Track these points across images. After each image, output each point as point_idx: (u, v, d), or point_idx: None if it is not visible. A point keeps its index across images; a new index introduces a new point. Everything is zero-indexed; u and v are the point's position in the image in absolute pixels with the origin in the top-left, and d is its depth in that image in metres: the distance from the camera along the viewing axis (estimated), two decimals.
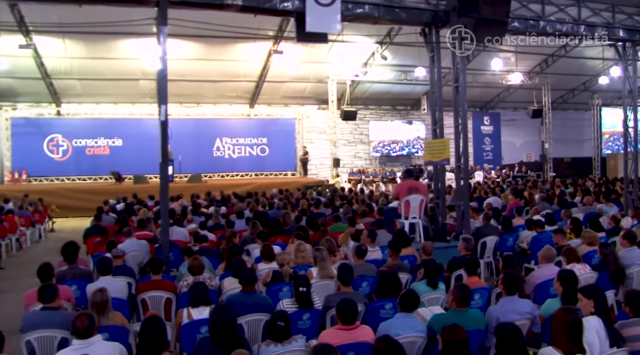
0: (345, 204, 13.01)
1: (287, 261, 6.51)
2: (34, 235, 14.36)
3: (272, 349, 4.16)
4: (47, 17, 16.78)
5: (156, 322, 4.05)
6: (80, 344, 3.95)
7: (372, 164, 25.94)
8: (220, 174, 23.43)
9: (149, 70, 20.76)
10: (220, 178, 23.05)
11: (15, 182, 21.38)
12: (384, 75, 22.86)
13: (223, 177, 23.34)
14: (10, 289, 9.65)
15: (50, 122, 22.66)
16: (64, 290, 5.68)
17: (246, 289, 5.33)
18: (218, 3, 8.38)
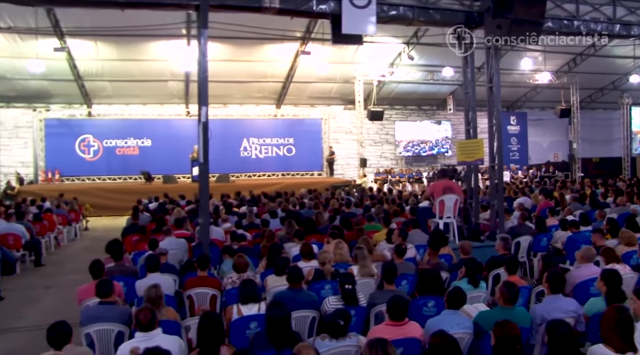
0: (376, 203, 13.11)
1: (328, 260, 6.62)
2: (70, 233, 14.71)
3: (326, 343, 4.28)
4: (80, 21, 17.13)
5: (214, 317, 4.20)
6: (143, 337, 4.12)
7: (398, 164, 25.96)
8: (247, 174, 23.65)
9: (178, 71, 21.15)
10: (248, 178, 23.26)
11: (48, 182, 21.83)
12: (410, 75, 22.88)
13: (250, 177, 23.56)
14: (54, 285, 9.97)
15: (81, 123, 23.11)
16: (115, 286, 5.86)
17: (294, 286, 5.47)
18: (256, 6, 8.55)
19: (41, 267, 11.51)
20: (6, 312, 8.22)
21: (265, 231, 9.23)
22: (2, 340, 7.06)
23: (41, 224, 12.49)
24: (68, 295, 9.24)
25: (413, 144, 25.85)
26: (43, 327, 7.49)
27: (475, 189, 10.37)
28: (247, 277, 6.25)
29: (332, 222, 10.56)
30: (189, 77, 21.53)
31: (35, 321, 7.84)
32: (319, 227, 10.06)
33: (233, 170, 22.49)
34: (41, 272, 11.17)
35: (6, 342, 7.01)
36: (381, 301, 5.48)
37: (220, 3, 8.30)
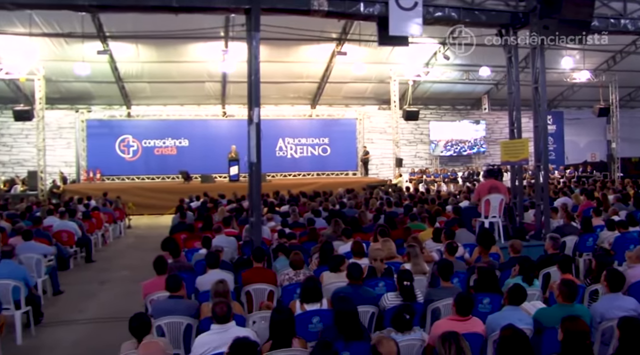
0: (417, 203, 13.21)
1: (380, 257, 6.76)
2: (115, 231, 15.14)
3: (392, 336, 4.42)
4: (123, 25, 17.58)
5: (286, 312, 4.39)
6: (219, 328, 4.32)
7: (432, 164, 25.93)
8: (283, 174, 23.89)
9: (215, 72, 21.50)
10: (283, 177, 23.49)
11: (90, 181, 22.43)
12: (445, 75, 22.84)
13: (285, 176, 23.80)
14: (107, 280, 10.33)
15: (121, 123, 23.68)
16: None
17: (354, 283, 5.62)
18: (305, 9, 8.73)
19: (92, 263, 11.91)
20: (67, 305, 8.56)
21: (312, 230, 9.45)
22: (66, 332, 7.38)
23: (90, 222, 12.87)
24: (122, 290, 9.65)
25: (452, 144, 25.74)
26: (101, 320, 7.93)
27: (519, 188, 10.38)
28: (302, 274, 6.44)
29: (376, 221, 10.69)
30: (226, 78, 21.90)
31: (94, 314, 8.18)
32: (363, 226, 10.19)
33: (269, 170, 22.61)
34: (93, 268, 11.56)
35: (70, 333, 7.33)
36: (438, 298, 5.62)
37: (271, 6, 8.50)
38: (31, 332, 7.20)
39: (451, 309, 4.81)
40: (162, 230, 16.21)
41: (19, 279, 6.91)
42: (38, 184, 20.24)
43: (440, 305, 5.57)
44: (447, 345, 3.64)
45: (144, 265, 11.54)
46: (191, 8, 8.55)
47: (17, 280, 6.85)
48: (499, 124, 26.73)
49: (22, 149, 23.04)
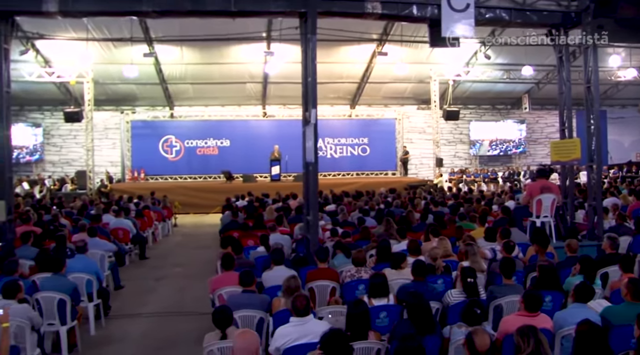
0: (461, 203, 13.26)
1: (439, 255, 6.90)
2: (164, 229, 15.53)
3: (463, 331, 4.56)
4: (168, 28, 18.02)
5: (362, 305, 4.58)
6: (299, 321, 4.53)
7: (472, 163, 25.82)
8: (322, 174, 24.04)
9: (257, 73, 21.87)
10: (323, 177, 23.61)
11: (134, 180, 23.01)
12: (486, 74, 22.74)
13: (325, 176, 23.95)
14: (163, 276, 10.66)
15: (164, 124, 24.24)
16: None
17: (418, 279, 5.78)
18: (359, 12, 8.89)
19: (145, 260, 12.26)
20: (130, 299, 8.89)
21: (364, 229, 9.62)
22: (132, 324, 7.71)
23: (142, 220, 13.27)
24: (177, 286, 9.99)
25: (497, 143, 25.56)
26: (163, 314, 8.24)
27: (570, 188, 10.37)
28: (363, 271, 6.62)
29: (424, 220, 10.80)
30: (267, 79, 22.22)
31: (155, 308, 8.50)
32: (413, 226, 10.31)
33: None
34: (147, 264, 11.93)
35: (136, 325, 7.66)
36: (501, 295, 5.72)
37: (326, 10, 8.68)
38: (101, 324, 7.54)
39: (519, 305, 4.91)
40: (208, 228, 16.70)
41: (92, 273, 7.25)
42: (87, 183, 20.87)
43: (503, 302, 5.66)
44: (526, 339, 3.76)
45: (194, 262, 12.01)
46: (248, 12, 8.81)
47: (90, 274, 7.19)
48: (539, 123, 26.48)
49: (71, 149, 23.81)
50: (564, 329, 4.76)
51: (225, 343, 4.49)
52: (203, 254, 12.96)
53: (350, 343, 4.01)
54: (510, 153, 25.89)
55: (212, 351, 4.51)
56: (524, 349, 3.73)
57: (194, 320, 7.83)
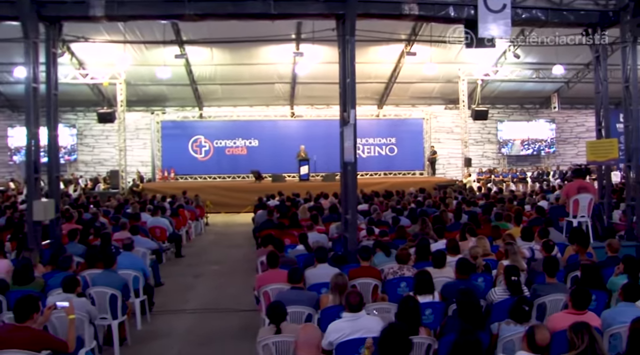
0: (493, 203, 13.26)
1: (479, 254, 6.97)
2: (197, 228, 15.77)
3: (512, 327, 4.66)
4: (199, 30, 18.25)
5: (413, 301, 4.68)
6: (352, 317, 4.65)
7: (500, 163, 25.69)
8: None
9: (285, 73, 22.05)
10: None
11: (164, 180, 23.36)
12: (515, 74, 22.59)
13: None
14: (200, 274, 10.87)
15: (194, 124, 24.56)
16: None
17: (462, 277, 5.87)
18: (397, 14, 9.00)
19: (181, 258, 12.49)
20: (171, 296, 9.09)
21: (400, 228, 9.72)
22: (176, 320, 7.91)
23: (177, 219, 13.52)
24: (215, 283, 10.19)
25: (529, 143, 25.35)
26: (205, 310, 8.43)
27: (607, 188, 10.33)
28: (406, 268, 6.72)
29: (458, 219, 10.85)
30: (295, 80, 22.40)
31: (197, 305, 8.70)
32: (447, 225, 10.36)
33: (336, 169, 22.93)
34: (183, 262, 12.15)
35: (181, 321, 7.85)
36: (545, 293, 5.78)
37: (365, 12, 8.81)
38: (147, 319, 7.76)
39: (567, 303, 4.97)
40: (239, 227, 16.93)
41: (138, 269, 7.47)
42: (119, 183, 21.27)
43: (547, 301, 5.72)
44: (580, 335, 3.83)
45: (229, 260, 12.21)
46: (287, 15, 8.97)
47: (137, 270, 7.41)
48: (568, 123, 26.23)
49: (103, 150, 24.29)
50: (612, 327, 4.81)
51: (279, 337, 4.64)
52: (236, 252, 13.20)
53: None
54: (543, 153, 25.62)
55: (267, 345, 4.66)
56: (578, 345, 3.81)
57: (235, 317, 8.03)
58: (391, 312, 5.53)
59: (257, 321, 7.52)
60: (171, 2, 8.59)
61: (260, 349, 4.73)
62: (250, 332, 7.21)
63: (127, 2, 8.46)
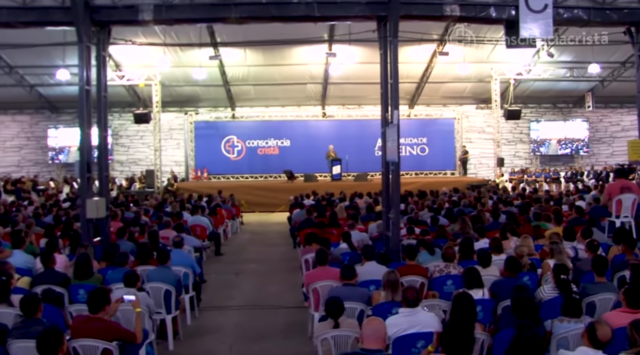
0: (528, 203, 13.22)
1: (525, 253, 7.03)
2: (233, 227, 16.03)
3: (565, 325, 4.73)
4: (233, 32, 18.51)
5: (469, 297, 4.79)
6: (409, 312, 4.78)
7: (532, 163, 25.48)
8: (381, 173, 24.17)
9: (317, 74, 22.22)
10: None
11: (198, 180, 23.72)
12: (548, 73, 22.39)
13: None
14: (240, 272, 11.08)
15: (226, 124, 24.88)
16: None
17: (511, 275, 5.96)
18: (438, 15, 9.09)
19: (220, 256, 12.72)
20: (215, 293, 9.29)
21: (440, 227, 9.80)
22: (223, 316, 8.14)
23: (215, 218, 13.77)
24: (256, 281, 10.40)
25: (566, 143, 25.06)
26: (250, 307, 8.64)
27: None
28: (452, 266, 6.82)
29: (497, 219, 10.88)
30: (327, 80, 22.56)
31: (242, 302, 8.92)
32: (485, 225, 10.40)
33: (369, 169, 23.06)
34: (222, 260, 12.38)
35: (228, 317, 8.07)
36: (594, 292, 5.83)
37: (407, 13, 8.91)
38: (195, 315, 7.99)
39: (620, 302, 5.03)
40: (274, 226, 17.17)
41: (188, 266, 7.70)
42: (155, 182, 21.69)
43: (596, 300, 5.77)
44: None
45: (267, 259, 12.41)
46: (330, 17, 9.13)
47: (187, 267, 7.64)
48: (603, 122, 25.87)
49: (138, 150, 24.78)
50: None
51: (338, 332, 4.79)
52: (274, 251, 13.41)
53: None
54: (582, 152, 25.29)
55: (325, 339, 4.81)
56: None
57: (280, 313, 8.22)
58: (442, 308, 5.66)
59: (303, 318, 7.71)
60: (217, 6, 8.83)
61: (318, 343, 4.88)
62: (298, 328, 7.44)
63: (175, 6, 8.72)
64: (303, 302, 8.49)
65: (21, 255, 7.66)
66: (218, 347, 6.91)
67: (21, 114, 24.70)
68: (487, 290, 5.82)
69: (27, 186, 20.55)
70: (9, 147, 24.71)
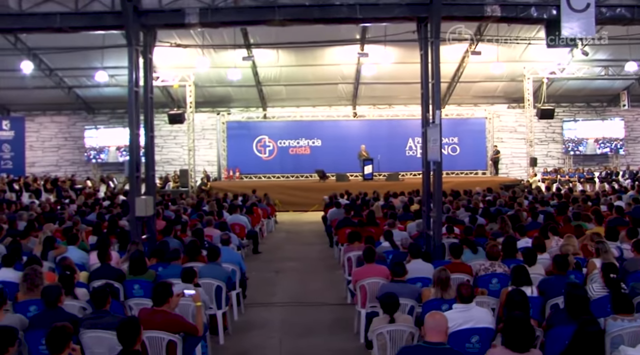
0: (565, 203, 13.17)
1: (571, 252, 7.07)
2: (269, 226, 16.24)
3: (619, 323, 4.78)
4: (266, 33, 18.74)
5: (521, 294, 4.88)
6: (463, 308, 4.89)
7: (565, 163, 25.21)
8: (413, 173, 24.22)
9: (349, 74, 22.33)
10: (413, 177, 23.80)
11: (230, 179, 24.02)
12: (582, 71, 22.14)
13: (415, 175, 24.06)
14: (279, 270, 11.27)
15: (258, 124, 25.14)
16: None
17: (559, 273, 6.02)
18: (479, 16, 9.15)
19: (258, 254, 12.93)
20: (257, 290, 9.43)
21: (479, 226, 9.86)
22: (269, 312, 8.34)
23: (252, 217, 13.99)
24: (296, 279, 10.58)
25: (604, 142, 24.70)
26: (293, 304, 8.80)
27: None
28: (497, 265, 6.89)
29: (535, 219, 10.89)
30: (359, 80, 22.66)
31: (284, 298, 9.11)
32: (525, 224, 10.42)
33: (400, 169, 23.09)
34: (260, 258, 12.58)
35: (273, 313, 8.27)
36: None
37: (448, 14, 9.01)
38: (241, 310, 8.19)
39: None
40: (308, 226, 17.34)
41: (236, 263, 7.90)
42: (189, 181, 22.06)
43: None
44: None
45: (304, 257, 12.58)
46: (372, 18, 9.26)
47: (235, 264, 7.84)
48: (639, 121, 25.48)
49: (171, 150, 25.20)
50: None
51: (394, 326, 4.92)
52: (310, 249, 13.59)
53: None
54: (622, 151, 24.88)
55: (381, 334, 4.95)
56: None
57: (324, 310, 8.39)
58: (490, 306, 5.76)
59: (347, 314, 7.87)
60: (261, 9, 9.01)
61: (374, 337, 5.02)
62: (343, 324, 7.59)
63: (221, 9, 8.92)
64: (345, 299, 8.69)
65: (76, 251, 7.96)
66: (266, 342, 7.10)
67: (59, 115, 25.34)
68: (535, 287, 5.89)
69: (65, 185, 21.05)
70: (48, 147, 25.36)
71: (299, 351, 6.81)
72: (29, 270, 5.77)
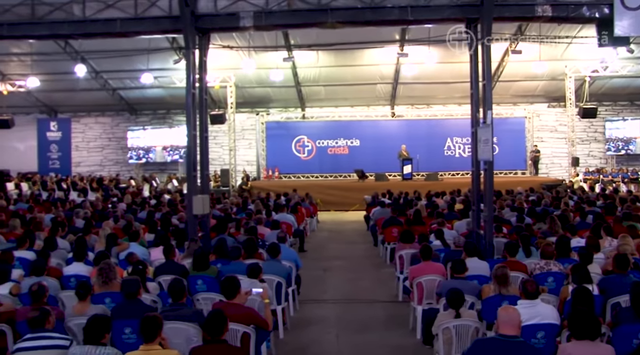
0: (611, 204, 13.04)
1: (629, 251, 7.07)
2: (312, 224, 16.46)
3: None
4: (307, 34, 18.97)
5: (586, 292, 4.98)
6: (528, 303, 4.97)
7: (607, 163, 24.80)
8: (451, 173, 24.18)
9: (388, 74, 22.42)
10: (451, 177, 23.76)
11: (269, 179, 24.35)
12: (626, 69, 21.76)
13: (453, 175, 24.06)
14: (327, 268, 11.46)
15: (297, 125, 25.41)
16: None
17: (620, 272, 6.07)
18: (530, 16, 9.19)
19: (304, 252, 13.12)
20: (308, 287, 9.59)
21: (527, 226, 9.89)
22: (323, 309, 8.55)
23: (296, 215, 14.21)
24: (345, 277, 10.75)
25: None
26: (345, 301, 8.97)
27: None
28: (552, 264, 6.95)
29: (584, 219, 10.85)
30: (397, 80, 22.72)
31: (336, 295, 9.29)
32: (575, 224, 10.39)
33: (438, 168, 23.03)
34: (307, 256, 12.71)
35: (327, 310, 8.48)
36: None
37: (499, 15, 9.08)
38: (296, 307, 8.40)
39: None
40: (349, 225, 17.52)
41: (292, 260, 8.12)
42: (229, 181, 22.45)
43: None
44: None
45: (349, 256, 12.75)
46: (422, 20, 9.39)
47: (291, 261, 8.06)
48: None
49: (211, 149, 25.05)
50: None
51: (460, 321, 5.06)
52: (354, 248, 13.75)
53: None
54: None
55: (447, 328, 5.09)
56: None
57: (377, 307, 8.56)
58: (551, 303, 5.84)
59: (400, 311, 8.04)
60: (314, 11, 9.20)
61: (440, 331, 5.16)
62: (398, 321, 7.75)
63: (274, 12, 9.16)
64: (396, 296, 8.83)
65: (138, 248, 8.27)
66: (324, 337, 7.29)
67: (103, 116, 26.04)
68: (596, 286, 5.94)
69: (111, 184, 21.66)
70: (92, 148, 26.10)
71: (356, 347, 6.97)
72: (104, 265, 6.07)
